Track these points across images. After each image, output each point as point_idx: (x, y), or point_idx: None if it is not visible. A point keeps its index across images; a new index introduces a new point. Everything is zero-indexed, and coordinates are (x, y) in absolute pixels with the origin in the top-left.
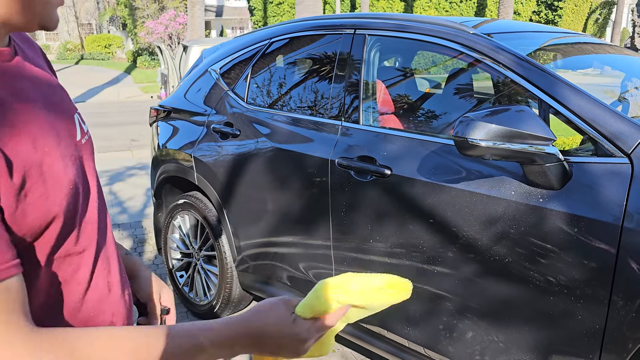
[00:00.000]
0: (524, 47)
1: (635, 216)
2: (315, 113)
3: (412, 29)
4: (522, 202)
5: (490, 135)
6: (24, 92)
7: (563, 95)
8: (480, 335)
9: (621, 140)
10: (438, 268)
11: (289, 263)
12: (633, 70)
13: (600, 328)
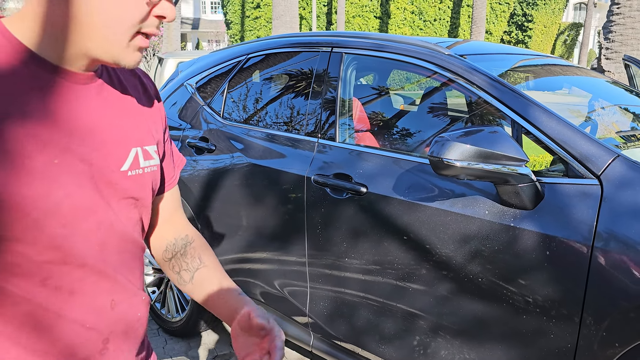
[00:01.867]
0: (496, 68)
1: (604, 236)
2: (292, 129)
3: (388, 49)
4: (495, 222)
5: (465, 156)
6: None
7: (535, 117)
8: (453, 354)
9: (591, 162)
10: (412, 286)
11: (263, 280)
12: (599, 91)
13: (572, 346)
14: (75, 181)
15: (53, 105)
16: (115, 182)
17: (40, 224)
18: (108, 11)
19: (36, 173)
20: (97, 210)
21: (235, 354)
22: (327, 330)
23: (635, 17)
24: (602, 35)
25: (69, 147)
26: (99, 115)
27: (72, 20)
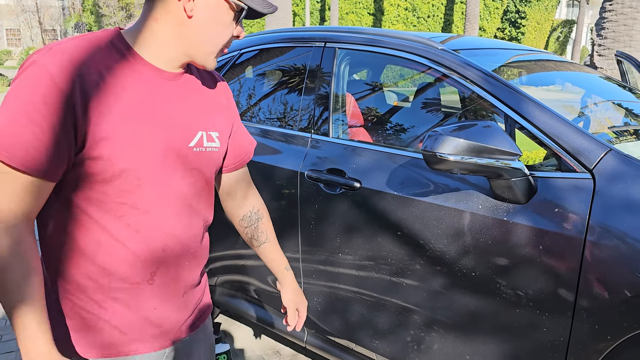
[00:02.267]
0: (490, 63)
1: (597, 230)
2: (285, 125)
3: (381, 44)
4: (488, 216)
5: (458, 150)
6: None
7: (528, 111)
8: (447, 348)
9: (584, 156)
10: (406, 281)
11: (256, 276)
12: (592, 87)
13: (564, 340)
14: (153, 149)
15: (148, 95)
16: (183, 155)
17: (123, 175)
18: (213, 36)
19: (129, 137)
20: (165, 174)
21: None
22: (321, 326)
23: (628, 14)
24: (595, 32)
25: (154, 124)
26: (178, 103)
27: (183, 38)
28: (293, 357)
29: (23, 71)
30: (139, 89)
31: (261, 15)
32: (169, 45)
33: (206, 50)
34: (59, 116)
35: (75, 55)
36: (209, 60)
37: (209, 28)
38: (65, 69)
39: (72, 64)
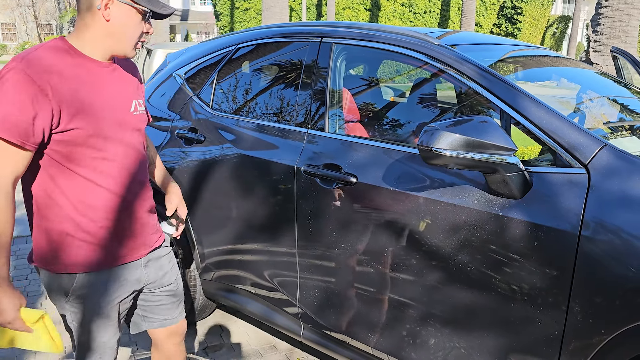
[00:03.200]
0: (486, 59)
1: (592, 225)
2: (281, 120)
3: (378, 39)
4: (484, 211)
5: (454, 145)
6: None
7: (524, 107)
8: (443, 342)
9: (579, 152)
10: (402, 275)
11: (253, 271)
12: (588, 82)
13: (559, 334)
14: (109, 116)
15: (95, 80)
16: (128, 118)
17: (92, 137)
18: (128, 34)
19: (91, 111)
20: (120, 132)
21: (225, 344)
22: (317, 321)
23: (623, 10)
24: (591, 28)
25: (105, 99)
26: (115, 84)
27: (106, 37)
28: (289, 351)
29: (5, 75)
30: (88, 77)
31: (164, 16)
32: (98, 42)
33: (124, 44)
34: (40, 104)
35: (42, 61)
36: (128, 51)
37: (123, 28)
38: (38, 71)
39: (42, 67)
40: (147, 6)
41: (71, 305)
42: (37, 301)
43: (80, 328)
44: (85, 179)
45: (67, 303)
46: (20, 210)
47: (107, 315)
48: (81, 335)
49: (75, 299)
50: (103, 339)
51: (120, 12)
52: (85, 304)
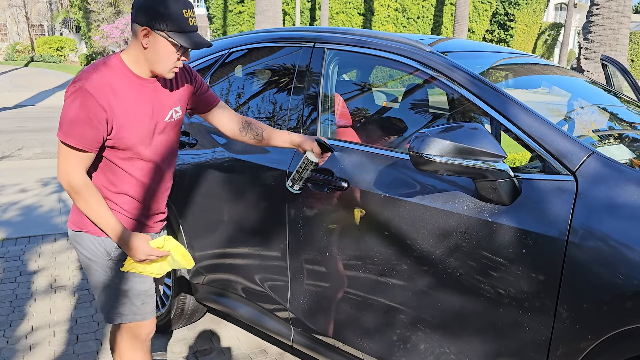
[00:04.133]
0: (477, 66)
1: (579, 231)
2: (274, 124)
3: (370, 45)
4: (474, 217)
5: (445, 151)
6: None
7: (513, 114)
8: (433, 347)
9: (567, 159)
10: (392, 280)
11: (244, 275)
12: (578, 90)
13: (546, 339)
14: (147, 127)
15: (139, 95)
16: (163, 126)
17: (133, 144)
18: (162, 60)
19: (133, 123)
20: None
21: (215, 348)
22: (308, 325)
23: (614, 18)
24: (582, 36)
25: (145, 112)
26: (155, 98)
27: (145, 61)
28: (280, 355)
29: (74, 93)
30: (135, 92)
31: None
32: (140, 63)
33: (160, 68)
34: (99, 118)
35: (102, 80)
36: (165, 74)
37: (157, 56)
38: (98, 89)
39: (101, 86)
40: (178, 41)
41: (113, 262)
42: (26, 304)
43: (122, 280)
44: (125, 171)
45: (109, 260)
46: (11, 213)
47: None
48: (123, 285)
49: (118, 255)
50: (144, 286)
51: (155, 42)
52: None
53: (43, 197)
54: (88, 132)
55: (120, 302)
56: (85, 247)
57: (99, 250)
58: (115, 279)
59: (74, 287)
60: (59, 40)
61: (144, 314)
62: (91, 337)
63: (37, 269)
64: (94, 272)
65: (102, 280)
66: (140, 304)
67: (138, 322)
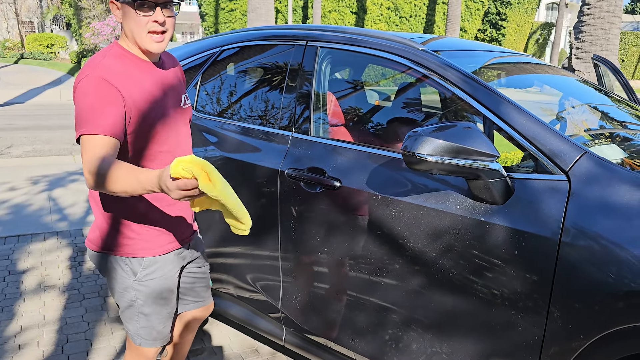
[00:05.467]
0: (470, 65)
1: (572, 231)
2: (266, 123)
3: (363, 43)
4: (466, 216)
5: (438, 151)
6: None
7: (506, 113)
8: (425, 347)
9: (560, 159)
10: (385, 280)
11: (236, 274)
12: (570, 90)
13: (539, 338)
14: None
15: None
16: (179, 112)
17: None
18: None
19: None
20: (176, 128)
21: (207, 348)
22: (300, 325)
23: (605, 18)
24: (573, 35)
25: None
26: (167, 82)
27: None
28: (272, 355)
29: (83, 80)
30: (146, 77)
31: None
32: (130, 42)
33: (139, 39)
34: (117, 101)
35: (111, 66)
36: (147, 45)
37: (127, 24)
38: (111, 73)
39: (112, 70)
40: None
41: (139, 283)
42: (14, 304)
43: (147, 302)
44: (146, 165)
45: (135, 282)
46: (0, 211)
47: (171, 288)
48: (147, 308)
49: (145, 276)
50: (168, 309)
51: (124, 11)
52: (154, 279)
53: (33, 196)
54: (109, 118)
55: (142, 325)
56: (109, 269)
57: (124, 271)
58: (140, 300)
59: (63, 287)
60: (49, 37)
61: (163, 338)
62: (81, 337)
63: (26, 268)
64: (120, 292)
65: (127, 301)
66: (162, 327)
67: (153, 348)
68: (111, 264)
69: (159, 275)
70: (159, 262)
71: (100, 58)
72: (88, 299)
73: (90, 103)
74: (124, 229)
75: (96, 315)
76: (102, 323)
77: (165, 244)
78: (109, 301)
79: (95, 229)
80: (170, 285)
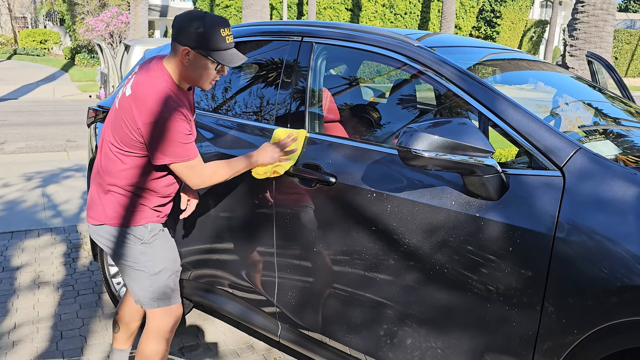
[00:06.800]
0: (465, 61)
1: (566, 227)
2: (261, 119)
3: (358, 39)
4: (461, 212)
5: (433, 147)
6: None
7: (501, 110)
8: (420, 342)
9: (554, 154)
10: (380, 275)
11: (231, 271)
12: (564, 86)
13: (533, 333)
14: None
15: (187, 102)
16: None
17: None
18: (202, 76)
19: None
20: None
21: (202, 344)
22: (295, 321)
23: (598, 16)
24: (567, 33)
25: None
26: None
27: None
28: (267, 351)
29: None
30: (185, 100)
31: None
32: (182, 76)
33: (199, 83)
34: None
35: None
36: (204, 87)
37: (197, 72)
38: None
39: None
40: (217, 59)
41: (146, 245)
42: (8, 300)
43: (156, 260)
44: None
45: (142, 245)
46: None
47: (172, 244)
48: (157, 267)
49: (151, 238)
50: (176, 266)
51: (195, 60)
52: (158, 239)
53: (26, 192)
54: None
55: (157, 285)
56: (112, 239)
57: (128, 239)
58: (149, 262)
59: (57, 283)
60: (43, 33)
61: (178, 296)
62: (75, 333)
63: (20, 264)
64: (125, 260)
65: (136, 267)
66: (173, 285)
67: (174, 305)
68: (113, 234)
69: (161, 235)
70: (159, 226)
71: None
72: (82, 295)
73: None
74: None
75: (90, 311)
76: (97, 319)
77: (162, 216)
78: (103, 297)
79: (93, 202)
80: (171, 241)
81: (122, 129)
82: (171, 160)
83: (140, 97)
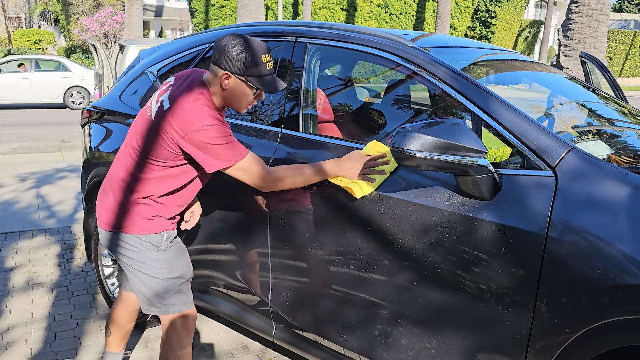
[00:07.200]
0: (459, 62)
1: (558, 226)
2: (255, 119)
3: (352, 40)
4: (455, 212)
5: (426, 147)
6: None
7: (494, 110)
8: (413, 342)
9: (547, 155)
10: (374, 275)
11: (225, 271)
12: (558, 87)
13: (525, 333)
14: None
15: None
16: None
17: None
18: (240, 100)
19: None
20: None
21: (197, 345)
22: (289, 321)
23: (593, 16)
24: (561, 33)
25: None
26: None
27: (223, 98)
28: (261, 351)
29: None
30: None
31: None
32: (219, 99)
33: (236, 107)
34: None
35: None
36: (240, 110)
37: (235, 96)
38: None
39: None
40: (256, 86)
41: (161, 252)
42: (2, 301)
43: (172, 267)
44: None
45: (158, 252)
46: None
47: (185, 248)
48: (174, 273)
49: (167, 245)
50: (189, 272)
51: (235, 84)
52: (172, 246)
53: (20, 193)
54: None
55: (171, 291)
56: (127, 246)
57: (144, 246)
58: (164, 269)
59: (52, 284)
60: (37, 33)
61: (191, 300)
62: (69, 334)
63: (14, 265)
64: (140, 268)
65: (151, 274)
66: (187, 290)
67: (190, 310)
68: (129, 242)
69: (175, 242)
70: (174, 233)
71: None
72: (77, 296)
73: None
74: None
75: (85, 312)
76: (91, 320)
77: (175, 223)
78: (97, 298)
79: (106, 208)
80: (183, 247)
81: (156, 140)
82: (227, 164)
83: (181, 111)
